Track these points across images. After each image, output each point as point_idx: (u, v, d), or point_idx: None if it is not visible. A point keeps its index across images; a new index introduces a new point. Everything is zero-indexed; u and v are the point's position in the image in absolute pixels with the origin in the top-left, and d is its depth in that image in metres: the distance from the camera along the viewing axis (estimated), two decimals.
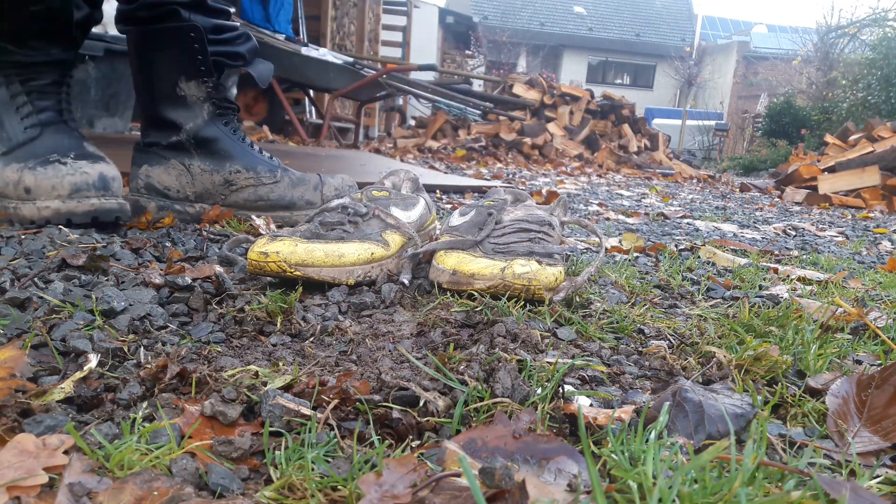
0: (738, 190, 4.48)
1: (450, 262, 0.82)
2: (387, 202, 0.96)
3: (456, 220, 0.96)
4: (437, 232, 1.05)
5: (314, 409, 0.49)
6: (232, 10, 1.27)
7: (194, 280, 0.79)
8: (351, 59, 5.10)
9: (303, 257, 0.80)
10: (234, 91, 1.27)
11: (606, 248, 0.96)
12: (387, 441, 0.47)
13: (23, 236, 0.97)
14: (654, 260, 1.28)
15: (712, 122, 14.31)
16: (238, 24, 1.27)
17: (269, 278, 0.85)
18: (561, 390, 0.54)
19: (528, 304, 0.80)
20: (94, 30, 3.19)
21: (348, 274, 0.83)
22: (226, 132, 1.23)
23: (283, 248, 0.80)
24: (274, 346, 0.64)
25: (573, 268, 1.03)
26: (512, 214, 0.92)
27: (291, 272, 0.80)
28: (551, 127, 6.51)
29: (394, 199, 0.97)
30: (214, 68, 1.20)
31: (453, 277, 0.81)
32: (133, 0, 1.18)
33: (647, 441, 0.44)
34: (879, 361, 0.70)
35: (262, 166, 1.24)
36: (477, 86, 9.06)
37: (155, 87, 1.21)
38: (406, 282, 0.85)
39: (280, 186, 1.24)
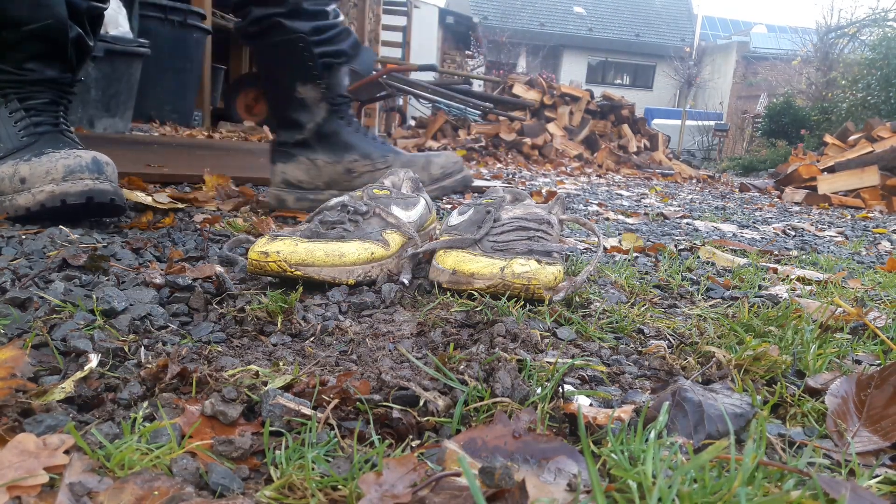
0: (737, 190, 4.48)
1: (449, 261, 0.82)
2: (387, 201, 0.96)
3: (455, 219, 0.96)
4: (437, 232, 1.05)
5: (314, 408, 0.49)
6: (330, 6, 1.32)
7: (195, 280, 0.80)
8: None
9: (303, 257, 0.80)
10: (346, 82, 1.36)
11: (605, 248, 0.97)
12: (387, 441, 0.47)
13: (23, 236, 0.97)
14: (654, 260, 1.28)
15: (712, 123, 14.30)
16: (338, 21, 1.32)
17: (269, 278, 0.85)
18: (561, 390, 0.54)
19: (527, 304, 0.80)
20: None
21: (348, 274, 0.83)
22: (342, 125, 1.34)
23: (284, 248, 0.80)
24: (274, 345, 0.64)
25: (573, 268, 1.03)
26: (510, 213, 0.92)
27: (292, 272, 0.80)
28: (551, 127, 6.51)
29: (394, 198, 0.97)
30: (324, 68, 1.28)
31: (453, 277, 0.81)
32: (244, 16, 1.27)
33: (646, 441, 0.44)
34: (879, 361, 0.71)
35: (376, 152, 1.35)
36: (477, 86, 9.06)
37: (278, 92, 1.32)
38: (406, 282, 0.85)
39: (393, 170, 1.32)
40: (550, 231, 0.90)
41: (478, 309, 0.74)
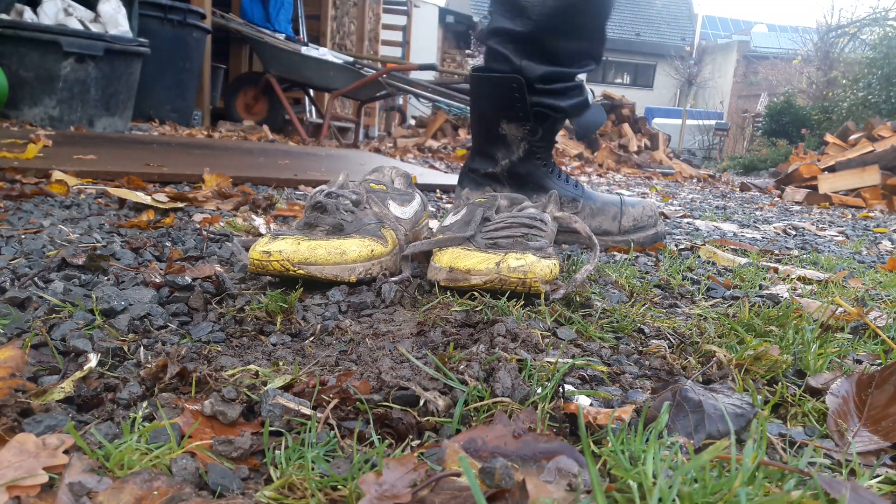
0: (738, 189, 4.48)
1: (445, 259, 0.82)
2: (384, 195, 0.96)
3: (449, 219, 0.96)
4: (434, 230, 1.05)
5: (314, 408, 0.49)
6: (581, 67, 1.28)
7: (194, 280, 0.79)
8: (351, 59, 5.10)
9: (305, 255, 0.80)
10: (558, 131, 1.35)
11: (597, 245, 0.96)
12: (387, 441, 0.47)
13: (23, 236, 0.97)
14: (655, 259, 1.28)
15: (712, 122, 14.30)
16: (573, 78, 1.27)
17: (268, 277, 0.85)
18: (561, 390, 0.54)
19: (528, 304, 0.80)
20: (94, 29, 3.19)
21: (350, 271, 0.83)
22: (537, 166, 1.31)
23: (286, 247, 0.80)
24: (274, 345, 0.64)
25: (573, 267, 1.03)
26: (503, 212, 0.93)
27: (295, 271, 0.79)
28: None
29: (391, 192, 0.98)
30: (536, 116, 1.25)
31: (450, 275, 0.81)
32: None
33: (647, 440, 0.43)
34: (879, 361, 0.70)
35: (566, 196, 1.34)
36: None
37: (483, 123, 1.32)
38: (406, 278, 0.85)
39: (580, 216, 1.32)
40: (544, 228, 0.90)
41: (478, 309, 0.74)
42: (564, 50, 1.22)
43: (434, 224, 1.29)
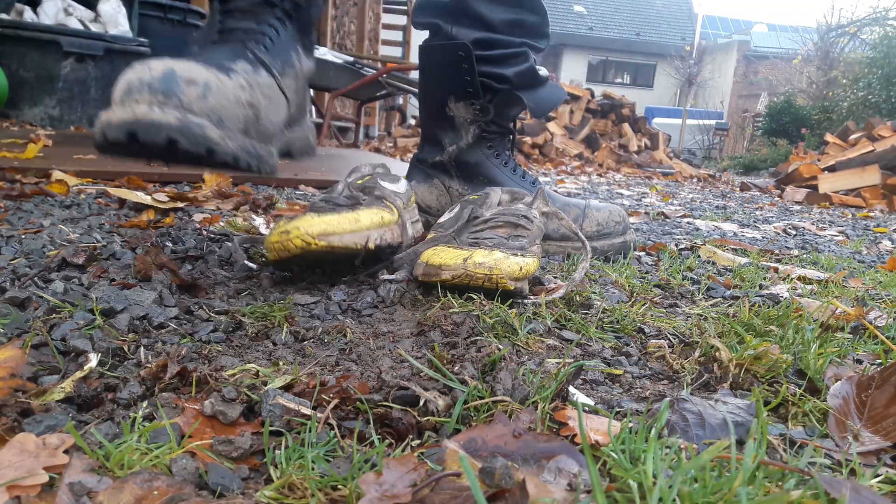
0: (738, 189, 4.48)
1: (425, 255, 0.84)
2: (374, 180, 0.97)
3: (444, 216, 0.97)
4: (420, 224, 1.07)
5: (314, 408, 0.49)
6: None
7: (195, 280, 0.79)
8: (351, 59, 5.10)
9: (323, 227, 0.79)
10: (513, 113, 1.19)
11: (586, 241, 0.94)
12: (387, 440, 0.47)
13: (23, 236, 0.97)
14: (655, 259, 1.28)
15: (712, 122, 14.31)
16: (516, 46, 1.12)
17: (269, 275, 0.85)
18: (564, 391, 0.54)
19: (535, 305, 0.80)
20: (94, 29, 3.19)
21: (365, 238, 0.83)
22: (488, 156, 1.17)
23: (303, 223, 0.80)
24: (274, 345, 0.64)
25: (573, 266, 1.03)
26: (493, 210, 0.93)
27: (316, 243, 0.79)
28: (551, 126, 6.51)
29: (380, 175, 0.99)
30: (484, 90, 1.12)
31: (426, 269, 0.83)
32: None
33: (647, 440, 0.43)
34: (879, 361, 0.70)
35: (520, 192, 1.20)
36: None
37: (429, 103, 1.18)
38: (401, 277, 0.86)
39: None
40: (529, 226, 0.91)
41: (475, 314, 0.74)
42: (493, 16, 1.10)
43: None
